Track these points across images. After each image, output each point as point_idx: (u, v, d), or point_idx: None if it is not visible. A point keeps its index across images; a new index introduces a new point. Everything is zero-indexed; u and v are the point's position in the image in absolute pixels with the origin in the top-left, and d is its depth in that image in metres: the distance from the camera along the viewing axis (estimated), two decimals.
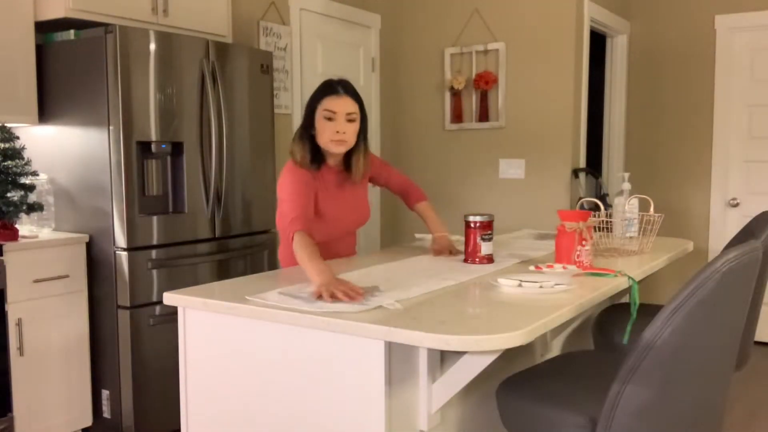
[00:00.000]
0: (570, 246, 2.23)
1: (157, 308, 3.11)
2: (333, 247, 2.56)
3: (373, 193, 5.01)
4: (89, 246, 3.12)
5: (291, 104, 4.23)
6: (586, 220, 2.24)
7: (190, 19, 3.47)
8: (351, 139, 2.41)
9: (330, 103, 2.37)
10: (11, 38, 3.01)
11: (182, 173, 3.22)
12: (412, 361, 1.74)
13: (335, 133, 2.37)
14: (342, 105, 2.37)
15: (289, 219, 2.23)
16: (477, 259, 2.37)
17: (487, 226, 2.35)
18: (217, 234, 3.38)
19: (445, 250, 2.58)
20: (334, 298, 1.80)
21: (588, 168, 4.83)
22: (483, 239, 2.35)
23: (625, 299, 2.95)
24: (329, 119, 2.37)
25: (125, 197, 2.99)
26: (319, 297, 1.83)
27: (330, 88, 2.41)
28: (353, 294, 1.81)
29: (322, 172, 2.47)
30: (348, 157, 2.50)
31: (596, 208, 2.81)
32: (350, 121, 2.39)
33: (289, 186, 2.33)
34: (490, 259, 2.38)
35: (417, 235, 3.18)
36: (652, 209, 2.68)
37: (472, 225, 2.35)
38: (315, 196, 2.42)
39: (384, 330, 1.56)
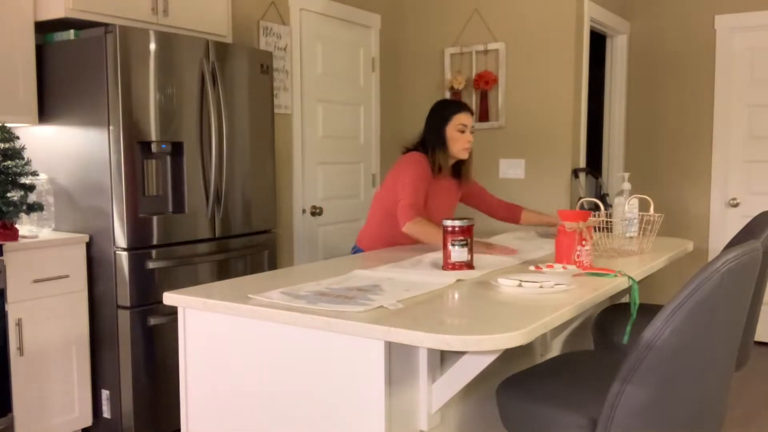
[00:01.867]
0: (570, 246, 2.23)
1: (157, 308, 3.11)
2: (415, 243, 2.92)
3: (374, 191, 5.01)
4: (89, 246, 3.12)
5: (291, 104, 4.24)
6: (586, 220, 2.24)
7: (190, 19, 3.47)
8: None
9: (462, 119, 2.92)
10: (11, 38, 3.01)
11: (182, 173, 3.22)
12: (412, 361, 1.74)
13: (467, 142, 2.92)
14: (469, 120, 2.95)
15: (405, 204, 2.73)
16: (450, 266, 2.26)
17: (460, 233, 2.25)
18: (217, 234, 3.38)
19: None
20: (491, 252, 2.54)
21: (588, 168, 4.83)
22: (453, 245, 2.25)
23: (625, 299, 2.95)
24: (462, 132, 2.90)
25: (125, 197, 2.99)
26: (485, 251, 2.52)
27: (459, 106, 2.95)
28: (506, 251, 2.54)
29: (439, 176, 2.94)
30: (457, 164, 3.01)
31: (596, 208, 2.81)
32: (472, 133, 2.95)
33: (412, 175, 2.80)
34: (466, 266, 2.25)
35: None
36: (651, 209, 2.68)
37: (449, 229, 2.26)
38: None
39: (384, 330, 1.56)
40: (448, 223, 2.25)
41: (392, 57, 5.09)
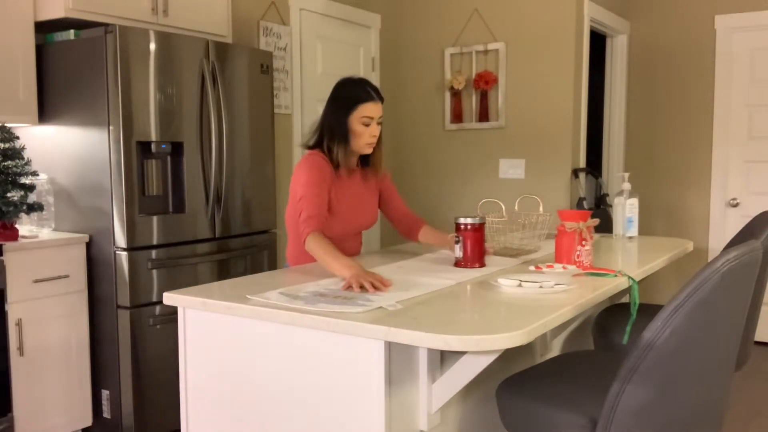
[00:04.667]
0: (570, 246, 2.23)
1: (157, 308, 3.11)
2: (340, 245, 2.46)
3: None
4: (89, 246, 3.12)
5: (291, 104, 4.23)
6: (586, 220, 2.24)
7: (190, 19, 3.47)
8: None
9: (368, 110, 2.44)
10: (11, 38, 3.01)
11: (182, 173, 3.22)
12: (412, 361, 1.74)
13: (371, 137, 2.48)
14: (377, 111, 2.47)
15: (304, 217, 2.31)
16: (461, 263, 2.30)
17: (472, 230, 2.27)
18: (217, 234, 3.38)
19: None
20: (362, 289, 1.93)
21: (588, 168, 4.83)
22: (466, 242, 2.30)
23: (625, 299, 2.95)
24: (366, 125, 2.45)
25: (125, 197, 2.99)
26: (349, 288, 1.95)
27: (366, 94, 2.46)
28: (379, 285, 1.94)
29: (343, 170, 2.52)
30: (365, 155, 2.59)
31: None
32: (379, 124, 2.51)
33: (307, 182, 2.38)
34: (478, 263, 2.31)
35: None
36: (541, 209, 2.66)
37: (462, 227, 2.29)
38: (331, 194, 2.46)
39: (384, 330, 1.56)
40: (461, 220, 2.27)
41: (392, 57, 5.09)
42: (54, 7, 3.01)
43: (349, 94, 2.46)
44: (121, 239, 3.01)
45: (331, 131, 2.46)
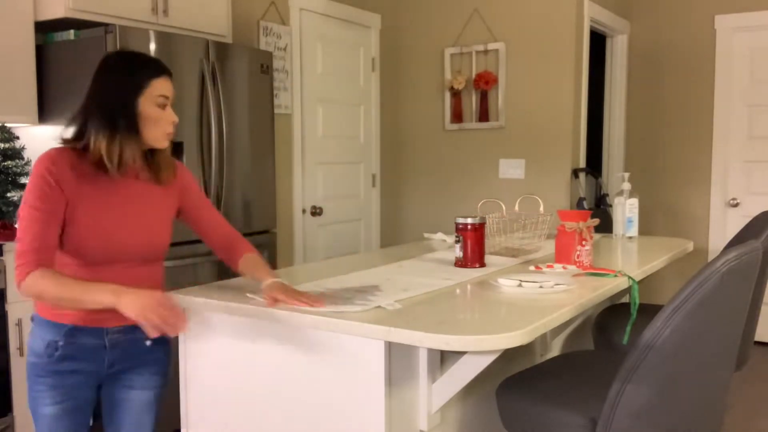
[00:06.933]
0: (570, 246, 2.23)
1: None
2: (120, 279, 1.75)
3: (374, 191, 5.01)
4: None
5: (291, 104, 4.23)
6: (586, 220, 2.24)
7: (190, 19, 3.47)
8: None
9: (164, 87, 1.83)
10: (11, 38, 3.01)
11: None
12: (412, 361, 1.74)
13: (170, 124, 1.86)
14: (171, 89, 1.86)
15: (19, 251, 1.68)
16: (459, 263, 2.32)
17: (472, 230, 2.29)
18: None
19: (279, 293, 1.77)
20: (159, 328, 1.55)
21: (588, 168, 4.83)
22: (467, 242, 2.31)
23: (625, 299, 2.95)
24: (163, 107, 1.84)
25: None
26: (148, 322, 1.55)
27: (157, 67, 1.84)
28: (176, 323, 1.57)
29: (115, 172, 1.78)
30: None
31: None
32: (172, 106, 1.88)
33: (32, 198, 1.73)
34: (478, 263, 2.32)
35: (426, 235, 3.18)
36: (541, 208, 2.66)
37: (461, 227, 2.31)
38: (80, 207, 1.76)
39: (384, 330, 1.56)
40: (461, 220, 2.28)
41: (392, 57, 5.09)
42: (54, 7, 3.01)
43: (137, 69, 1.78)
44: None
45: (111, 119, 1.74)
